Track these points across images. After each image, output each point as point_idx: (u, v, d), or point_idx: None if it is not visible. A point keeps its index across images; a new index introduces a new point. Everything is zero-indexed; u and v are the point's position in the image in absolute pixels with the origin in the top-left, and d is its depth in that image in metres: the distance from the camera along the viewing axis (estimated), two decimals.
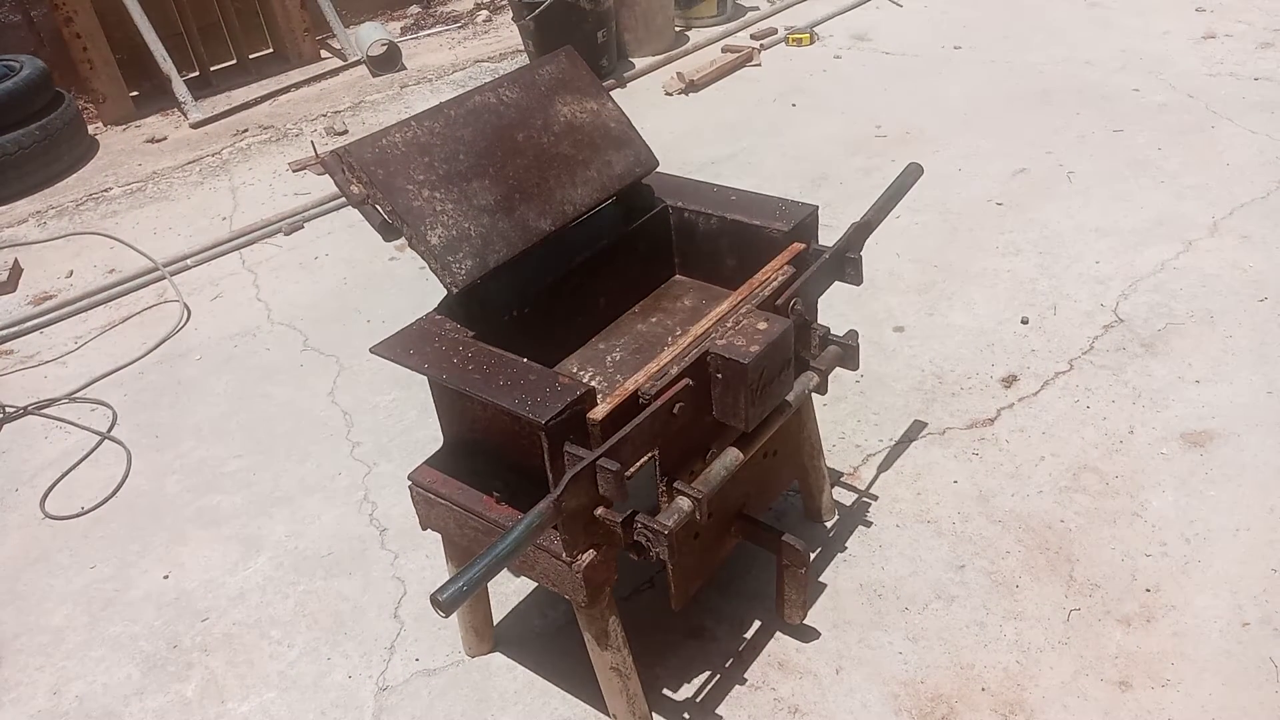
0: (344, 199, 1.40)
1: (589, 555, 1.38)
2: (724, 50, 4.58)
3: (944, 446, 2.14)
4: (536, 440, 1.29)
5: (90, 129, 4.55)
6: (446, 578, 1.20)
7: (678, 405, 1.31)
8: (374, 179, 1.37)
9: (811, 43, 4.58)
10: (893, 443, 2.17)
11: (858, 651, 1.72)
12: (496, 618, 1.84)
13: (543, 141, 1.57)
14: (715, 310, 1.46)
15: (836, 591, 1.84)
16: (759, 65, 4.43)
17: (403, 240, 1.40)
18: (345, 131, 4.25)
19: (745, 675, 1.71)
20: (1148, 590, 1.76)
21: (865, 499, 2.03)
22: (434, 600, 1.05)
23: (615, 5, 4.40)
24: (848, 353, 1.59)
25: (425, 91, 4.61)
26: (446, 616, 1.08)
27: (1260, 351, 2.30)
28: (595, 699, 1.64)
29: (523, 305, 1.58)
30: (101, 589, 2.07)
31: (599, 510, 1.31)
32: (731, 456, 1.43)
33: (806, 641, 1.75)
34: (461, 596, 1.04)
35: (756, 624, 1.79)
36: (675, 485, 1.35)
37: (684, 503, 1.32)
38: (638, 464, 1.30)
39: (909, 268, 2.78)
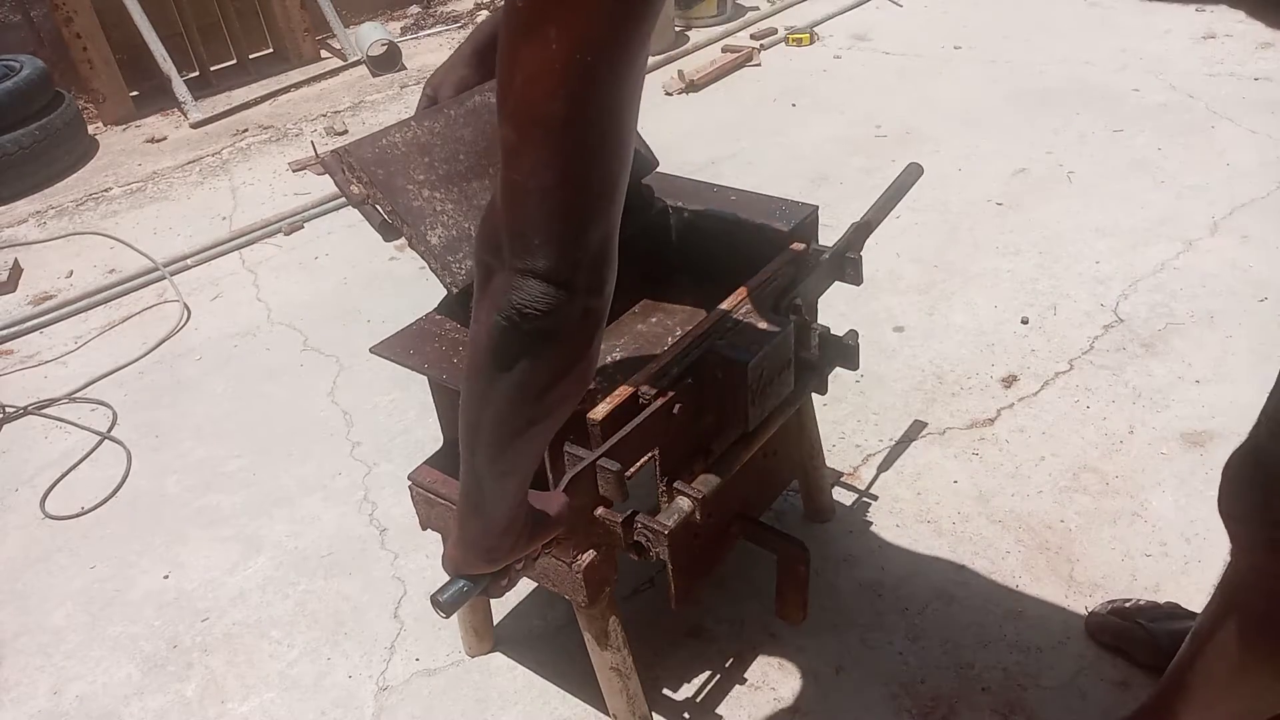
0: (344, 199, 1.40)
1: (589, 555, 1.38)
2: (724, 50, 4.58)
3: (944, 446, 2.14)
4: None
5: (90, 129, 4.56)
6: (446, 578, 1.20)
7: (678, 405, 1.31)
8: (374, 179, 1.37)
9: (811, 43, 4.58)
10: (893, 443, 2.17)
11: (858, 651, 1.72)
12: (496, 618, 1.84)
13: None
14: (715, 310, 1.45)
15: (836, 591, 1.84)
16: (759, 65, 4.43)
17: (402, 240, 1.40)
18: (345, 131, 4.25)
19: (745, 675, 1.71)
20: (1148, 590, 1.76)
21: (865, 499, 2.03)
22: (434, 601, 1.05)
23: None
24: (848, 353, 1.59)
25: None
26: (447, 617, 1.08)
27: (1260, 351, 2.30)
28: (595, 699, 1.64)
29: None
30: (101, 589, 2.07)
31: (599, 510, 1.31)
32: (732, 456, 1.42)
33: (806, 641, 1.75)
34: (462, 598, 1.04)
35: (756, 624, 1.79)
36: (675, 485, 1.35)
37: (684, 503, 1.32)
38: (638, 464, 1.29)
39: (909, 268, 2.78)
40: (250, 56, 5.18)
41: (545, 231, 0.77)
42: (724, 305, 1.47)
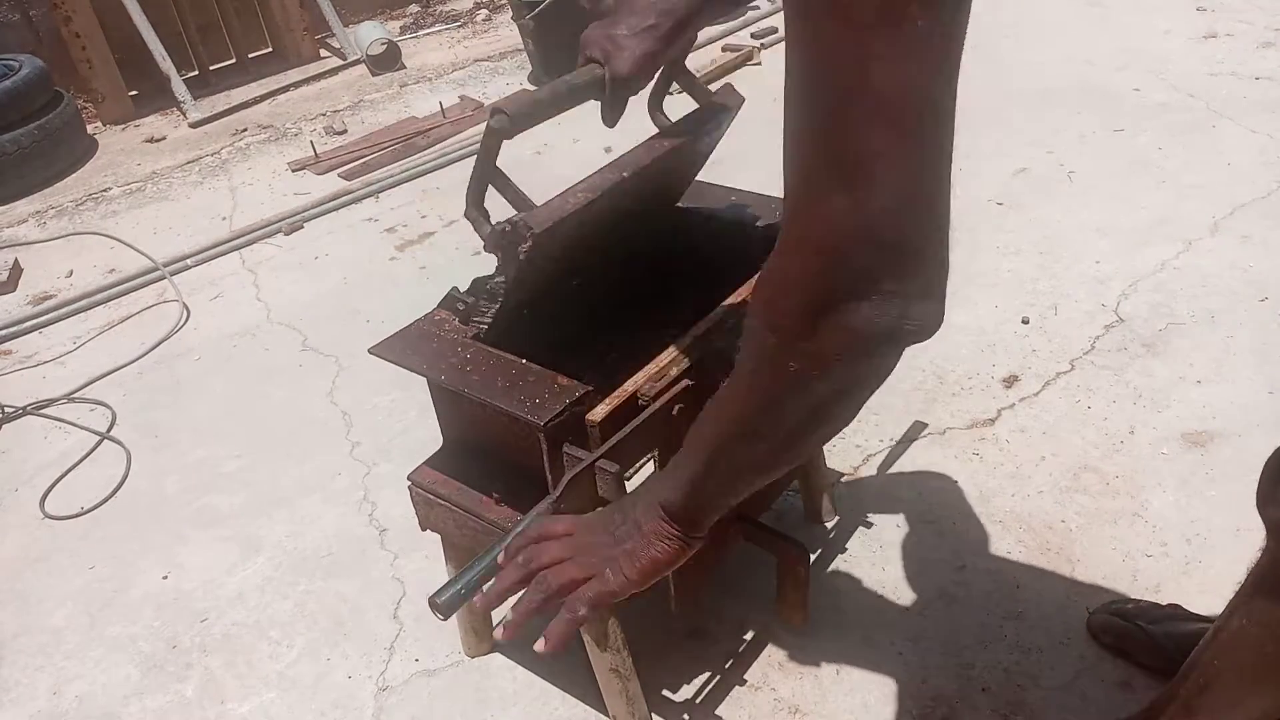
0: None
1: None
2: (724, 50, 4.57)
3: (945, 446, 2.14)
4: (535, 441, 1.29)
5: (89, 129, 4.55)
6: (446, 578, 1.20)
7: (677, 407, 1.31)
8: (530, 239, 1.26)
9: None
10: (893, 443, 2.16)
11: (858, 651, 1.72)
12: (496, 618, 1.84)
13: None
14: (715, 311, 1.45)
15: (837, 592, 1.83)
16: (759, 64, 4.42)
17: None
18: (345, 131, 4.25)
19: (745, 675, 1.71)
20: (1148, 590, 1.76)
21: (866, 499, 2.03)
22: (432, 603, 1.04)
23: (615, 5, 4.39)
24: None
25: (424, 90, 4.61)
26: (445, 619, 1.07)
27: (1261, 351, 2.29)
28: (594, 699, 1.63)
29: (522, 306, 1.57)
30: (101, 589, 2.07)
31: None
32: None
33: (807, 642, 1.74)
34: (460, 600, 1.04)
35: (756, 624, 1.79)
36: None
37: None
38: (637, 466, 1.29)
39: None
40: (249, 56, 5.18)
41: (930, 240, 0.68)
42: (724, 305, 1.47)
